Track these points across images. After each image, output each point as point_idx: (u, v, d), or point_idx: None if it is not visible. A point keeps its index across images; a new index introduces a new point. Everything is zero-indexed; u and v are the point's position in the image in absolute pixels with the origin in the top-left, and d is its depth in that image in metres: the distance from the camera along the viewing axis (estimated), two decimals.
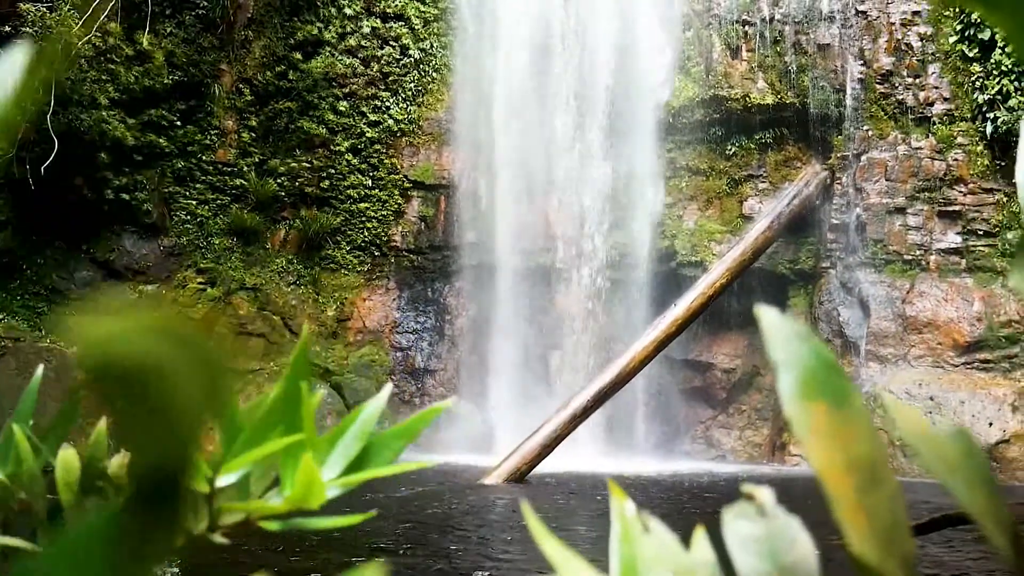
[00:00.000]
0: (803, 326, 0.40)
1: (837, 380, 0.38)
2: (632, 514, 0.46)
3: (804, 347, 0.38)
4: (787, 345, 0.38)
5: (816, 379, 0.37)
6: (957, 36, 12.70)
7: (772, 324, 0.40)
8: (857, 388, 0.41)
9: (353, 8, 14.64)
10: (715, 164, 13.99)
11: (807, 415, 0.36)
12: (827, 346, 0.41)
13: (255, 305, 14.24)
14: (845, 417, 0.37)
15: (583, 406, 11.20)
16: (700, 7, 13.84)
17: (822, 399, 0.37)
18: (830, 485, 0.35)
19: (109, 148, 12.93)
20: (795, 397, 0.37)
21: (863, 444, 0.36)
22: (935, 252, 12.72)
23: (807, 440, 0.37)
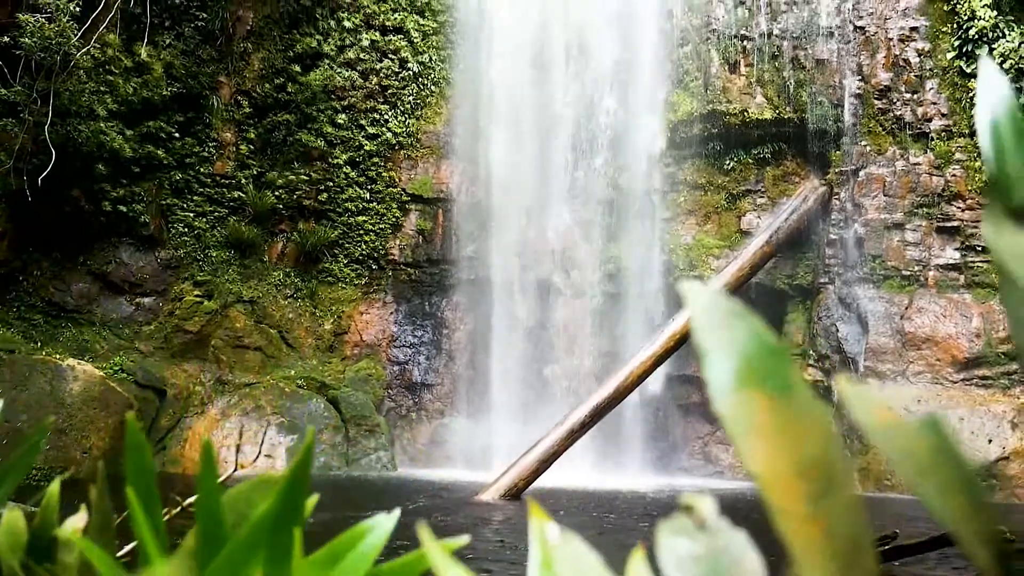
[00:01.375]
0: (737, 304, 0.34)
1: (781, 366, 0.31)
2: (555, 538, 0.40)
3: (740, 328, 0.31)
4: (719, 326, 0.32)
5: (755, 365, 0.31)
6: (955, 52, 12.70)
7: (700, 302, 0.34)
8: (803, 377, 0.35)
9: (352, 21, 14.66)
10: (713, 179, 13.97)
11: (744, 408, 0.30)
12: (768, 329, 0.34)
13: (252, 318, 14.17)
14: (792, 410, 0.31)
15: (580, 421, 11.13)
16: (699, 22, 13.85)
17: (763, 389, 0.31)
18: (774, 493, 0.29)
19: (107, 159, 12.90)
20: (729, 387, 0.31)
21: (815, 443, 0.30)
22: (933, 268, 12.68)
23: (744, 439, 0.30)
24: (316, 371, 13.96)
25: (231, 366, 13.73)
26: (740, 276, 12.72)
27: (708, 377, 0.32)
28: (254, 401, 12.91)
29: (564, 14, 13.99)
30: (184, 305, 13.76)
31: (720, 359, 0.31)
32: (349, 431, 13.01)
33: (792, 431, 0.30)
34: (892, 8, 13.28)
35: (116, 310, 13.64)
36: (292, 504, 0.51)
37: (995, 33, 12.28)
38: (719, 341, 0.31)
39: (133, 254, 13.80)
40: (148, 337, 13.55)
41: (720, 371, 0.32)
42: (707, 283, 1.39)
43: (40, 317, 13.10)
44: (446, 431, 14.19)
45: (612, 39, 13.77)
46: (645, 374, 11.81)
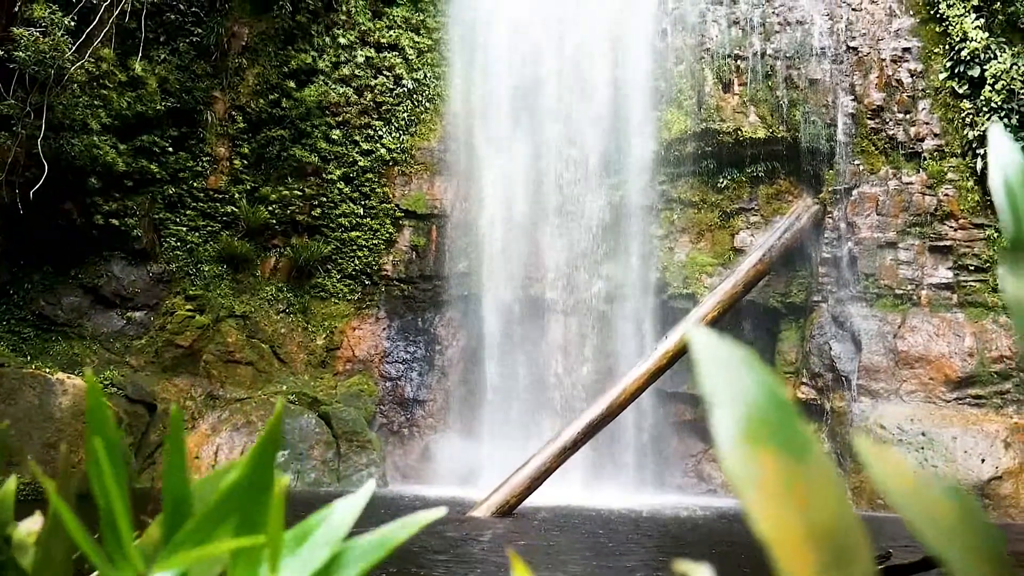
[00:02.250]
0: (745, 350, 0.31)
1: (791, 422, 0.29)
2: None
3: (748, 378, 0.29)
4: (725, 375, 0.29)
5: (764, 419, 0.28)
6: (947, 73, 12.78)
7: (705, 349, 0.31)
8: (815, 434, 0.32)
9: (347, 38, 14.69)
10: (707, 197, 14.00)
11: (752, 466, 0.28)
12: (777, 378, 0.32)
13: (244, 333, 14.11)
14: (803, 470, 0.28)
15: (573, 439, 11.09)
16: (692, 41, 13.92)
17: (772, 446, 0.28)
18: (782, 559, 0.27)
19: (100, 173, 12.87)
20: (735, 441, 0.28)
21: (828, 507, 0.27)
22: (926, 287, 12.70)
23: (751, 499, 0.28)
24: (308, 386, 13.90)
25: (222, 381, 13.66)
26: (733, 294, 12.72)
27: (714, 430, 0.29)
28: (245, 416, 12.84)
29: (559, 32, 14.06)
30: (176, 319, 13.69)
31: (726, 411, 0.29)
32: (340, 447, 12.94)
33: (802, 492, 0.28)
34: (885, 29, 13.36)
35: (107, 324, 13.57)
36: (263, 470, 0.49)
37: (987, 54, 12.37)
38: (725, 392, 0.28)
39: (125, 268, 13.75)
40: (139, 351, 13.48)
41: (726, 424, 0.29)
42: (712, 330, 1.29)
43: (30, 331, 13.02)
44: (438, 447, 14.12)
45: (606, 57, 13.83)
46: (638, 391, 11.79)
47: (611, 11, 13.83)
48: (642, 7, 13.93)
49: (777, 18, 13.71)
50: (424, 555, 6.92)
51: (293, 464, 12.42)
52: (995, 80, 12.22)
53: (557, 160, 14.07)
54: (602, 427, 11.47)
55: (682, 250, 13.97)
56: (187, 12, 13.71)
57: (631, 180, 13.89)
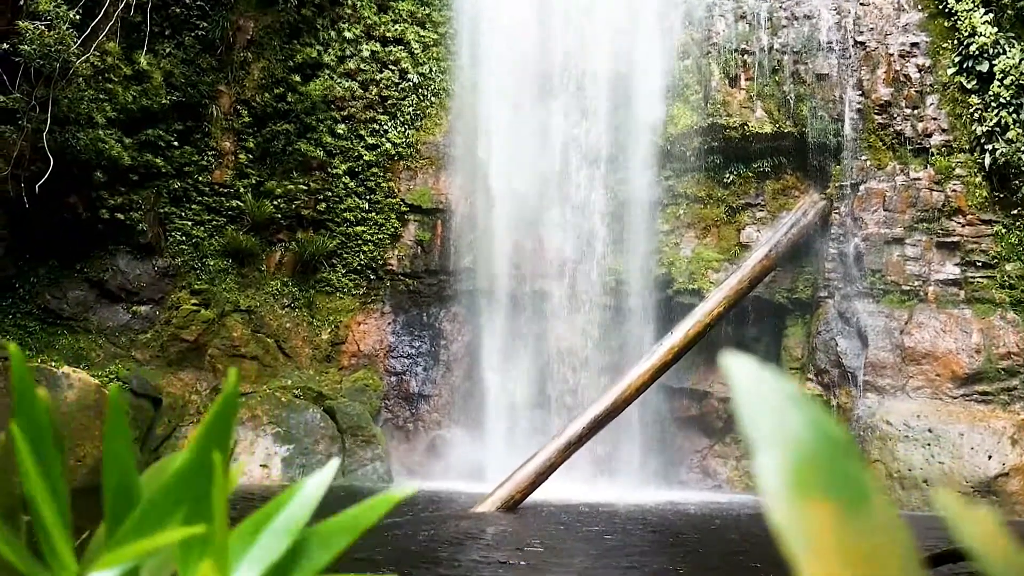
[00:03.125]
0: (793, 384, 0.27)
1: (848, 467, 0.25)
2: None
3: (796, 416, 0.25)
4: (769, 412, 0.25)
5: (816, 465, 0.25)
6: (955, 68, 12.70)
7: (746, 382, 0.27)
8: (877, 481, 0.27)
9: (353, 32, 14.66)
10: (713, 192, 13.94)
11: (803, 519, 0.24)
12: (832, 415, 0.27)
13: (249, 327, 14.11)
14: (862, 524, 0.24)
15: (578, 434, 11.08)
16: (699, 36, 13.86)
17: (826, 496, 0.25)
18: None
19: (105, 167, 12.86)
20: (784, 491, 0.24)
21: (893, 568, 0.24)
22: (933, 283, 12.64)
23: (802, 557, 0.24)
24: (313, 381, 13.90)
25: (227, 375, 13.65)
26: (739, 290, 12.68)
27: (759, 477, 0.25)
28: (250, 411, 12.84)
29: (564, 26, 14.00)
30: (181, 314, 13.70)
31: (773, 456, 0.26)
32: (345, 442, 12.94)
33: (863, 551, 0.24)
34: (893, 24, 13.28)
35: (112, 318, 13.58)
36: (209, 456, 0.44)
37: (995, 49, 12.29)
38: (771, 433, 0.24)
39: (130, 262, 13.75)
40: (144, 345, 13.49)
41: (772, 471, 0.26)
42: (754, 360, 1.18)
43: (36, 324, 13.04)
44: (443, 442, 14.12)
45: (612, 51, 13.77)
46: (643, 387, 11.77)
47: (617, 5, 13.77)
48: (649, 1, 13.87)
49: (784, 12, 13.63)
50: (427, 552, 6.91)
51: (298, 459, 12.43)
52: (1004, 75, 12.15)
53: (562, 155, 14.02)
54: (607, 422, 11.45)
55: (688, 245, 13.92)
56: (192, 6, 13.68)
57: (637, 175, 13.84)
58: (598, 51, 13.83)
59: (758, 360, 0.31)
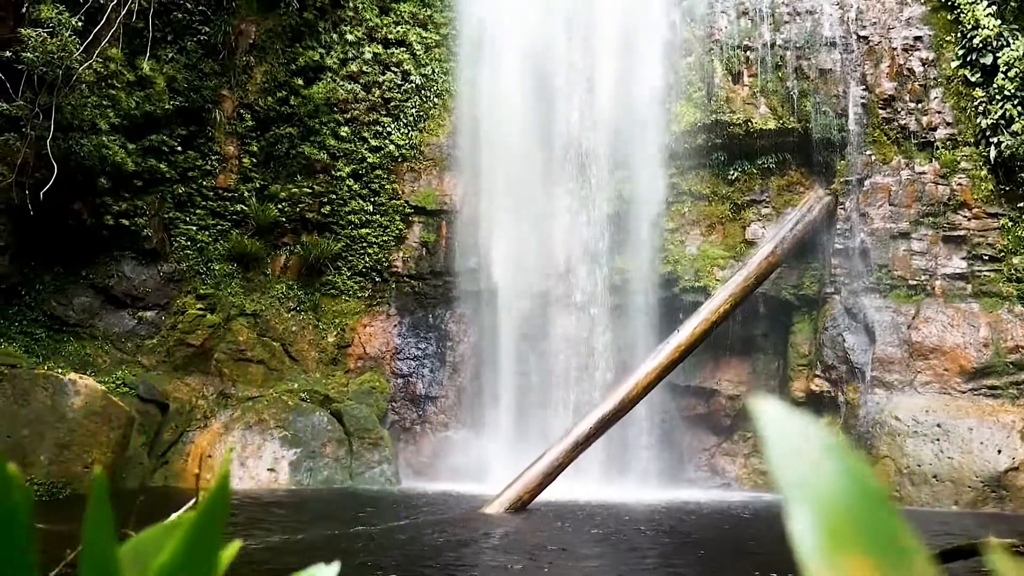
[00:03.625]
0: (827, 432, 0.25)
1: (887, 521, 0.23)
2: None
3: (831, 466, 0.23)
4: (802, 462, 0.23)
5: (853, 519, 0.24)
6: (959, 61, 12.65)
7: (778, 428, 0.24)
8: (916, 536, 0.24)
9: (355, 34, 14.65)
10: (718, 189, 13.91)
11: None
12: (866, 466, 0.24)
13: (255, 331, 14.12)
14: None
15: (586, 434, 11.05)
16: (701, 33, 13.82)
17: (864, 552, 0.24)
18: None
19: (109, 173, 12.87)
20: (819, 547, 0.24)
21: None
22: (940, 277, 12.59)
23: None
24: (319, 384, 13.90)
25: (234, 380, 13.67)
26: (745, 287, 12.64)
27: (792, 532, 0.23)
28: (257, 415, 12.84)
29: (566, 25, 13.98)
30: (187, 319, 13.70)
31: (806, 509, 0.24)
32: (352, 444, 12.93)
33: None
34: (895, 18, 13.23)
35: (118, 324, 13.59)
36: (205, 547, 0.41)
37: (999, 42, 12.23)
38: (804, 484, 0.22)
39: (136, 268, 13.76)
40: (150, 351, 13.50)
41: (806, 525, 0.24)
42: (783, 402, 1.10)
43: (42, 331, 13.05)
44: (450, 444, 14.11)
45: (615, 49, 13.74)
46: (651, 386, 11.74)
47: (620, 3, 13.74)
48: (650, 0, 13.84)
49: (786, 8, 13.59)
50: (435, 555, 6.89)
51: (305, 462, 12.42)
52: (1008, 67, 12.09)
53: (567, 153, 14.00)
54: (615, 422, 11.42)
55: (693, 243, 13.89)
56: (194, 11, 13.69)
57: (641, 173, 13.81)
58: (601, 49, 13.80)
59: (788, 407, 0.29)
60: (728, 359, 14.05)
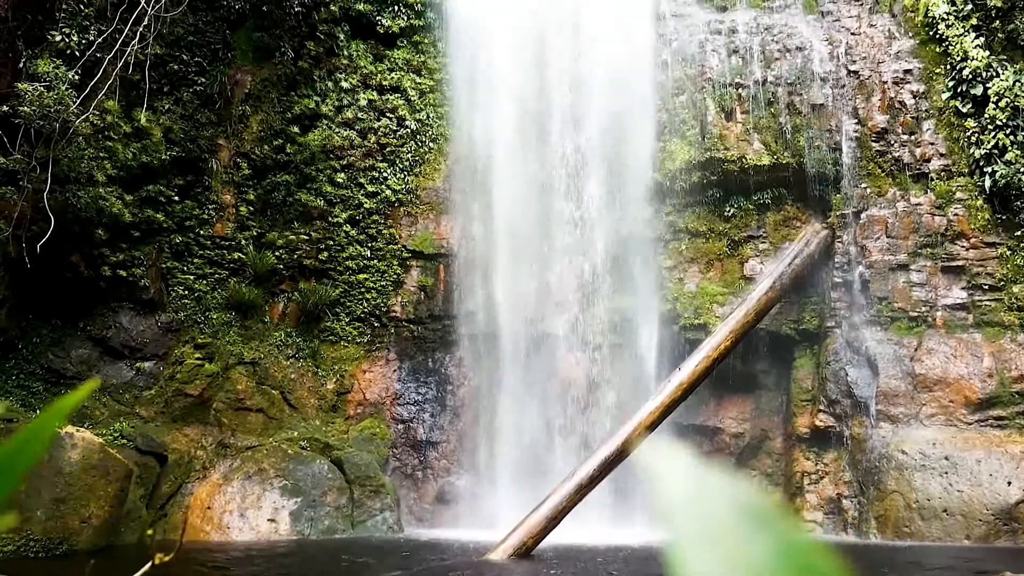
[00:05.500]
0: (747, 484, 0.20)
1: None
2: None
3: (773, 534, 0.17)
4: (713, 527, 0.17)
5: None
6: (950, 92, 12.74)
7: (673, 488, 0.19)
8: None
9: (350, 81, 14.79)
10: (714, 226, 13.92)
11: None
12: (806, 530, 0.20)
13: (254, 380, 14.02)
14: None
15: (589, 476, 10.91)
16: (693, 71, 13.94)
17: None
18: None
19: (106, 225, 12.89)
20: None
21: None
22: (941, 308, 12.54)
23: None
24: (319, 432, 13.76)
25: (233, 429, 13.54)
26: (746, 323, 12.59)
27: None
28: (256, 464, 12.69)
29: (559, 67, 14.11)
30: (185, 368, 13.62)
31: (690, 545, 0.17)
32: (354, 492, 12.76)
33: None
34: (885, 52, 13.37)
35: (116, 375, 13.50)
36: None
37: (989, 72, 12.34)
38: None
39: (133, 318, 13.71)
40: (149, 402, 13.39)
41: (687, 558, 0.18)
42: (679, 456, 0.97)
43: (39, 384, 12.96)
44: (453, 489, 13.94)
45: (607, 90, 13.85)
46: (654, 425, 11.62)
47: (611, 45, 13.89)
48: (641, 40, 13.99)
49: (776, 45, 13.73)
50: None
51: (306, 511, 12.24)
52: (999, 98, 12.17)
53: (562, 194, 14.04)
54: (618, 463, 11.28)
55: (692, 280, 13.86)
56: (190, 62, 13.83)
57: (637, 212, 13.84)
58: (593, 90, 13.92)
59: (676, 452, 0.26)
60: (731, 396, 13.94)
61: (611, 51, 13.86)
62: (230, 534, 11.91)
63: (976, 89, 12.39)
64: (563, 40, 14.08)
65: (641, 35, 14.02)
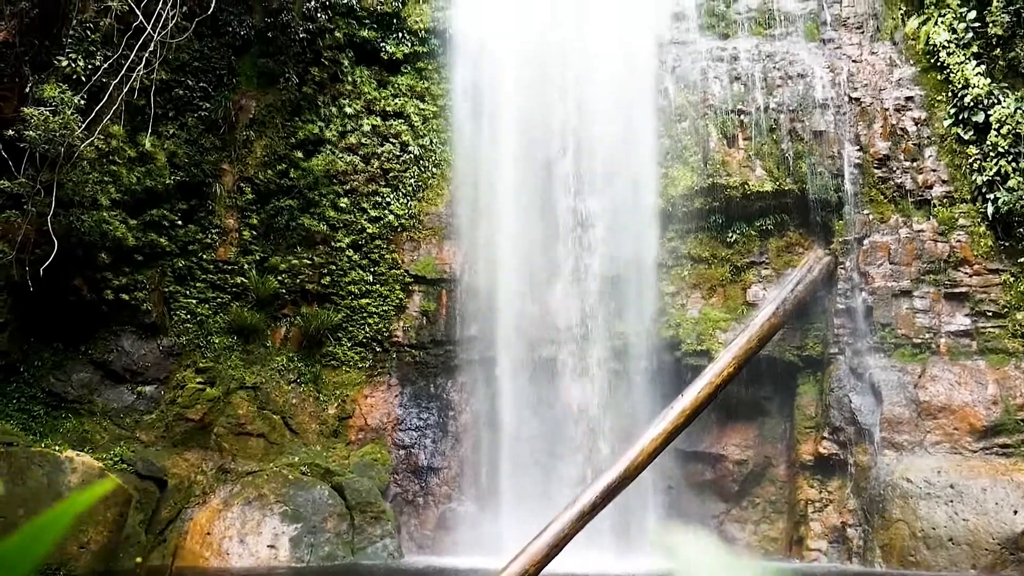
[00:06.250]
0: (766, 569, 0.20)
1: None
2: None
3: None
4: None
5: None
6: (951, 120, 12.78)
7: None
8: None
9: (354, 107, 14.87)
10: (717, 252, 13.92)
11: None
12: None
13: (255, 404, 13.97)
14: None
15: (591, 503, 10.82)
16: (695, 98, 14.01)
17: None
18: None
19: (109, 248, 12.93)
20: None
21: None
22: (944, 335, 12.49)
23: None
24: (320, 457, 13.69)
25: (234, 454, 13.48)
26: (748, 349, 12.54)
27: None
28: (256, 490, 12.62)
29: (561, 94, 14.18)
30: (186, 393, 13.58)
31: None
32: (354, 519, 12.67)
33: None
34: (886, 79, 13.43)
35: (117, 399, 13.47)
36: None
37: (990, 100, 12.38)
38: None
39: (135, 342, 13.70)
40: (149, 426, 13.34)
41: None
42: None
43: (40, 408, 12.92)
44: (454, 516, 13.83)
45: (609, 116, 13.91)
46: (656, 452, 11.54)
47: (613, 71, 13.97)
48: (643, 67, 14.07)
49: (778, 72, 13.81)
50: None
51: (306, 537, 12.15)
52: (1000, 125, 12.20)
53: (564, 220, 14.06)
54: (621, 490, 11.19)
55: (694, 306, 13.84)
56: (195, 87, 13.93)
57: (640, 237, 13.85)
58: (596, 116, 13.98)
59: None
60: (734, 423, 13.86)
61: (614, 77, 13.94)
62: (229, 560, 11.81)
63: (978, 116, 12.43)
64: (566, 66, 14.17)
65: (643, 61, 14.11)
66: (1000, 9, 12.37)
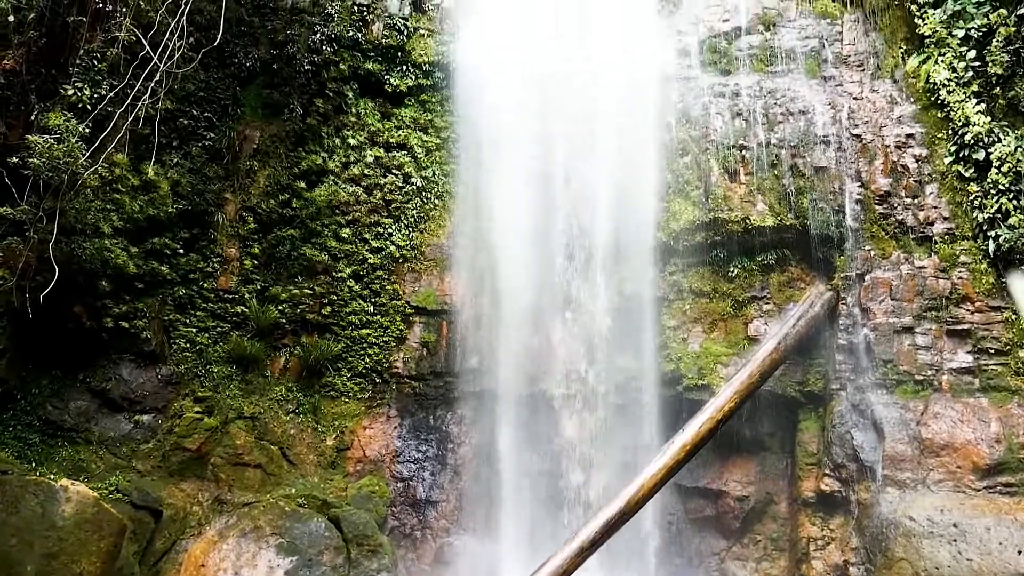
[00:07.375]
0: None
1: None
2: None
3: None
4: None
5: None
6: (952, 157, 12.86)
7: None
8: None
9: (357, 138, 14.96)
10: (718, 286, 13.93)
11: None
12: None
13: (253, 435, 13.88)
14: None
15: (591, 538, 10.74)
16: (697, 133, 14.10)
17: None
18: None
19: (110, 276, 12.92)
20: None
21: None
22: (947, 371, 12.46)
23: None
24: (317, 489, 13.57)
25: (230, 485, 13.37)
26: (750, 384, 12.50)
27: None
28: (253, 521, 12.50)
29: (564, 128, 14.27)
30: (184, 422, 13.50)
31: None
32: (351, 552, 12.54)
33: None
34: (887, 116, 13.53)
35: (114, 428, 13.38)
36: None
37: (991, 138, 12.46)
38: None
39: (133, 371, 13.64)
40: (146, 456, 13.24)
41: None
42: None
43: (36, 436, 12.84)
44: (452, 550, 13.70)
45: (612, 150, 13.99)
46: (657, 487, 11.47)
47: (616, 106, 14.07)
48: (646, 102, 14.18)
49: (779, 108, 13.91)
50: None
51: (302, 571, 12.01)
52: (1001, 162, 12.27)
53: (566, 254, 14.09)
54: (621, 525, 11.10)
55: (695, 340, 13.81)
56: (200, 117, 14.02)
57: (641, 271, 13.87)
58: (599, 150, 14.05)
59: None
60: (735, 458, 13.77)
61: (616, 111, 14.03)
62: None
63: (978, 154, 12.50)
64: (569, 100, 14.27)
65: (646, 96, 14.21)
66: (1000, 48, 12.49)
